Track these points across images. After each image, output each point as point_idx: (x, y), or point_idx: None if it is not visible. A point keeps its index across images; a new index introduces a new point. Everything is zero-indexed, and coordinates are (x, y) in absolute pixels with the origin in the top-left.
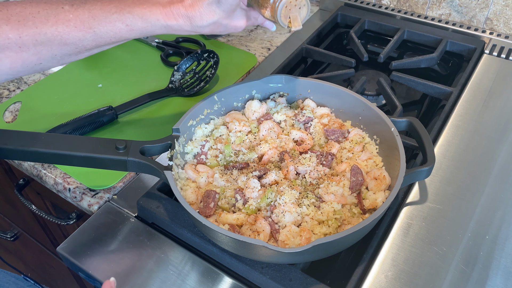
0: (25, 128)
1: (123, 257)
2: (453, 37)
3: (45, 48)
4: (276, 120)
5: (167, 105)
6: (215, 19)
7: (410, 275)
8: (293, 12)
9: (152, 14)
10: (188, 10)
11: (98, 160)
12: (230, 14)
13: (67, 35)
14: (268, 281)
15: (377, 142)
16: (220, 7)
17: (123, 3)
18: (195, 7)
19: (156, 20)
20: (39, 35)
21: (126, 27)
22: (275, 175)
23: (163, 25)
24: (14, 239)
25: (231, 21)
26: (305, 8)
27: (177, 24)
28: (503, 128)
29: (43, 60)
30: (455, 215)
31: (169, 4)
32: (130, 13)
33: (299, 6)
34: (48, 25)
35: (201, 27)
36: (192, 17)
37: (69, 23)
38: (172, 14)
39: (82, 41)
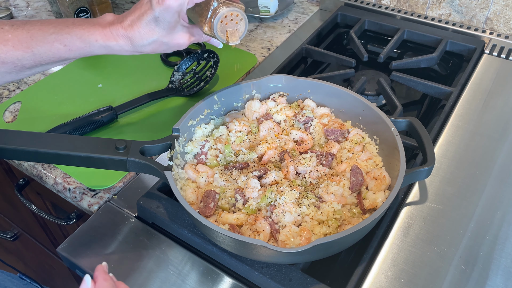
0: (25, 128)
1: (123, 257)
2: (453, 37)
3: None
4: (276, 120)
5: (167, 105)
6: (155, 37)
7: (410, 275)
8: (230, 26)
9: (90, 34)
10: (127, 31)
11: (98, 160)
12: (170, 31)
13: (5, 54)
14: (268, 281)
15: (377, 142)
16: (159, 25)
17: (62, 24)
18: (134, 27)
19: (94, 40)
20: None
21: (64, 47)
22: (275, 175)
23: (102, 45)
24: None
25: (172, 39)
26: (242, 22)
27: (117, 44)
28: (503, 128)
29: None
30: (455, 215)
31: (108, 25)
32: (68, 33)
33: (235, 20)
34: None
35: (142, 46)
36: (132, 37)
37: (7, 42)
38: (111, 35)
39: (21, 60)
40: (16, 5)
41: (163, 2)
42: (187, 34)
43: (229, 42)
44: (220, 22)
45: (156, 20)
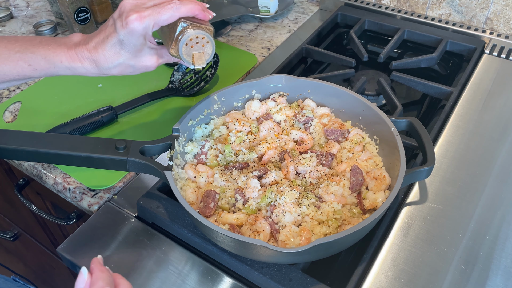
0: (25, 128)
1: (123, 257)
2: (453, 37)
3: None
4: (276, 120)
5: (167, 105)
6: (120, 60)
7: (410, 275)
8: (196, 49)
9: (55, 55)
10: (91, 53)
11: (98, 160)
12: (136, 54)
13: None
14: (268, 281)
15: (377, 142)
16: (124, 48)
17: (28, 43)
18: (98, 49)
19: (59, 62)
20: None
21: (29, 67)
22: (275, 175)
23: (67, 67)
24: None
25: (139, 62)
26: (209, 45)
27: (82, 66)
28: (503, 128)
29: None
30: (455, 215)
31: (74, 46)
32: (33, 53)
33: (202, 43)
34: None
35: (107, 69)
36: (97, 60)
37: None
38: (76, 57)
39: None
40: (16, 5)
41: (127, 25)
42: (155, 56)
43: (195, 66)
44: (185, 45)
45: (121, 43)
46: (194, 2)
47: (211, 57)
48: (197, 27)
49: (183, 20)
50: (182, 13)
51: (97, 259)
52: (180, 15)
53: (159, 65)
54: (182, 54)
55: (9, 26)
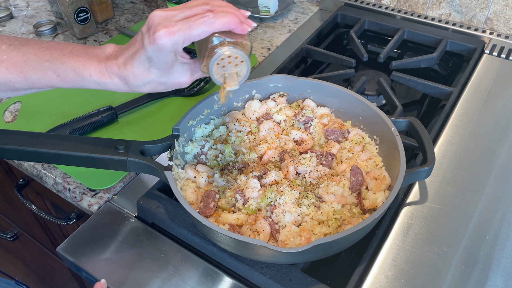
0: (25, 128)
1: (123, 257)
2: (453, 37)
3: None
4: (276, 120)
5: (167, 105)
6: (150, 78)
7: (410, 275)
8: (228, 69)
9: (85, 68)
10: (121, 69)
11: (98, 160)
12: (167, 71)
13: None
14: (268, 281)
15: (377, 142)
16: (153, 65)
17: (59, 51)
18: (127, 66)
19: (88, 75)
20: None
21: (57, 78)
22: (275, 175)
23: (96, 81)
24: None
25: (171, 79)
26: (244, 65)
27: (112, 82)
28: (503, 128)
29: None
30: (455, 215)
31: (105, 60)
32: (62, 63)
33: (235, 63)
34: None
35: (137, 87)
36: (126, 76)
37: (1, 63)
38: (106, 72)
39: (13, 83)
40: (16, 5)
41: (154, 41)
42: (188, 72)
43: (226, 88)
44: (216, 65)
45: (149, 60)
46: (231, 14)
47: (245, 79)
48: (231, 45)
49: (217, 34)
50: (216, 28)
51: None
52: (214, 30)
53: (193, 80)
54: (212, 75)
55: (9, 26)
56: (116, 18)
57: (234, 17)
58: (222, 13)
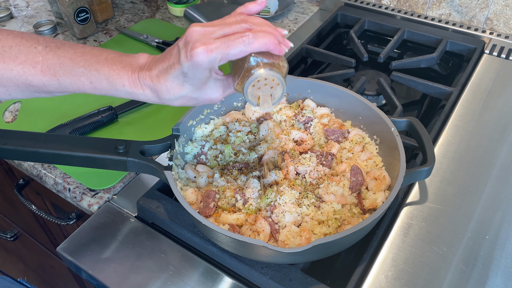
0: (25, 128)
1: (123, 257)
2: (453, 37)
3: (12, 83)
4: (276, 120)
5: (167, 105)
6: (183, 93)
7: (410, 275)
8: (263, 91)
9: (119, 78)
10: (153, 82)
11: (98, 160)
12: (200, 87)
13: (32, 77)
14: (268, 281)
15: (377, 142)
16: (187, 81)
17: (94, 58)
18: (160, 79)
19: (121, 85)
20: (5, 70)
21: (90, 85)
22: (275, 175)
23: (128, 92)
24: (14, 239)
25: (204, 94)
26: (279, 87)
27: (143, 94)
28: (503, 128)
29: (12, 92)
30: (455, 215)
31: (138, 70)
32: (97, 71)
33: (271, 85)
34: (16, 63)
35: (169, 100)
36: (158, 90)
37: (36, 65)
38: (138, 83)
39: (47, 86)
40: (16, 5)
41: (191, 58)
42: (221, 89)
43: (260, 109)
44: (252, 86)
45: (184, 76)
46: (270, 34)
47: (280, 100)
48: (268, 67)
49: (254, 55)
50: (254, 49)
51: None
52: (252, 50)
53: (224, 97)
54: (247, 95)
55: (9, 26)
56: (116, 18)
57: (273, 38)
58: (261, 33)
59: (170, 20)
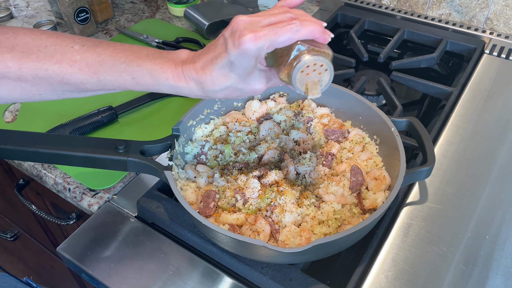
0: (25, 128)
1: (123, 257)
2: (453, 37)
3: (45, 83)
4: (276, 120)
5: (167, 105)
6: (229, 83)
7: (410, 275)
8: (311, 77)
9: (162, 72)
10: (198, 74)
11: (98, 160)
12: (245, 77)
13: (69, 76)
14: (268, 281)
15: (377, 142)
16: (233, 70)
17: (135, 54)
18: (206, 70)
19: (165, 79)
20: (39, 70)
21: (132, 80)
22: (275, 175)
23: (172, 85)
24: (14, 239)
25: (248, 85)
26: (327, 73)
27: (188, 87)
28: (503, 128)
29: (43, 92)
30: (455, 215)
31: (181, 64)
32: (139, 66)
33: (319, 71)
34: (51, 62)
35: (213, 92)
36: (203, 81)
37: (74, 64)
38: (182, 76)
39: (85, 84)
40: (16, 5)
41: (239, 45)
42: (264, 80)
43: (309, 96)
44: (300, 72)
45: (231, 65)
46: (316, 23)
47: (327, 86)
48: (316, 53)
49: (300, 42)
50: (302, 36)
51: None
52: (299, 38)
53: (267, 88)
54: (295, 82)
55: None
56: (116, 18)
57: (319, 27)
58: (306, 21)
59: (170, 20)
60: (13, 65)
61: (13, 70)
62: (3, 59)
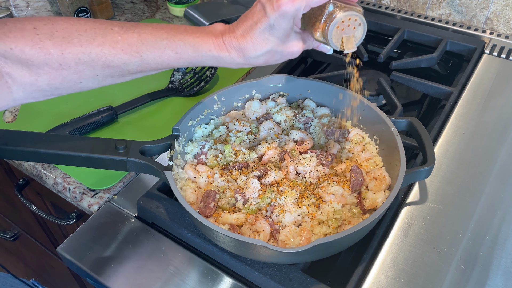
0: (25, 128)
1: (123, 257)
2: (453, 37)
3: (87, 68)
4: (276, 120)
5: (167, 105)
6: (269, 47)
7: (410, 275)
8: (346, 32)
9: (204, 43)
10: (239, 41)
11: (98, 160)
12: (284, 40)
13: (112, 57)
14: (268, 281)
15: (377, 142)
16: (273, 33)
17: (174, 30)
18: (246, 37)
19: (208, 50)
20: (83, 54)
21: (176, 55)
22: (275, 175)
23: (214, 56)
24: (14, 239)
25: (287, 47)
26: (361, 27)
27: (230, 56)
28: (503, 128)
29: (84, 80)
30: (455, 215)
31: (221, 35)
32: (181, 40)
33: (353, 26)
34: (94, 45)
35: (254, 58)
36: (245, 48)
37: (116, 45)
38: (224, 46)
39: (127, 65)
40: (16, 5)
41: (279, 8)
42: (300, 42)
43: (345, 50)
44: (336, 28)
45: (270, 28)
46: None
47: (361, 40)
48: (347, 8)
49: (332, 2)
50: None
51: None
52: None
53: (302, 50)
54: (331, 38)
55: None
56: (116, 18)
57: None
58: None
59: (170, 20)
60: (55, 51)
61: (55, 56)
62: (44, 46)
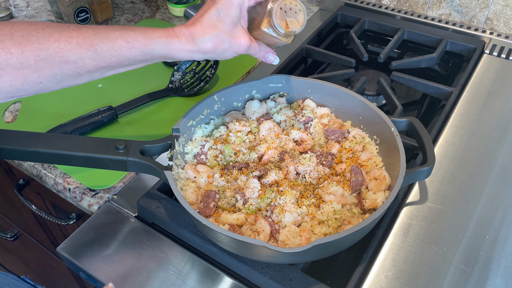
0: (25, 128)
1: (123, 257)
2: (453, 37)
3: (46, 66)
4: (276, 120)
5: (167, 105)
6: (217, 31)
7: (410, 275)
8: (289, 16)
9: (154, 31)
10: (189, 28)
11: (98, 160)
12: (231, 28)
13: (68, 52)
14: (268, 281)
15: (377, 142)
16: (221, 19)
17: (128, 28)
18: (196, 23)
19: (157, 37)
20: (40, 50)
21: (127, 44)
22: (275, 175)
23: (164, 42)
24: (14, 239)
25: (234, 36)
26: (301, 13)
27: (179, 41)
28: (503, 128)
29: (43, 79)
30: (455, 215)
31: (172, 28)
32: (132, 31)
33: (294, 10)
34: (51, 41)
35: (203, 41)
36: (194, 32)
37: (71, 40)
38: (174, 33)
39: (83, 60)
40: (16, 5)
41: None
42: (247, 36)
43: (289, 28)
44: (279, 9)
45: (218, 13)
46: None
47: (304, 26)
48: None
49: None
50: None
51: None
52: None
53: (249, 47)
54: (276, 22)
55: None
56: (116, 18)
57: None
58: None
59: (170, 20)
60: (16, 50)
61: (16, 55)
62: (5, 46)
